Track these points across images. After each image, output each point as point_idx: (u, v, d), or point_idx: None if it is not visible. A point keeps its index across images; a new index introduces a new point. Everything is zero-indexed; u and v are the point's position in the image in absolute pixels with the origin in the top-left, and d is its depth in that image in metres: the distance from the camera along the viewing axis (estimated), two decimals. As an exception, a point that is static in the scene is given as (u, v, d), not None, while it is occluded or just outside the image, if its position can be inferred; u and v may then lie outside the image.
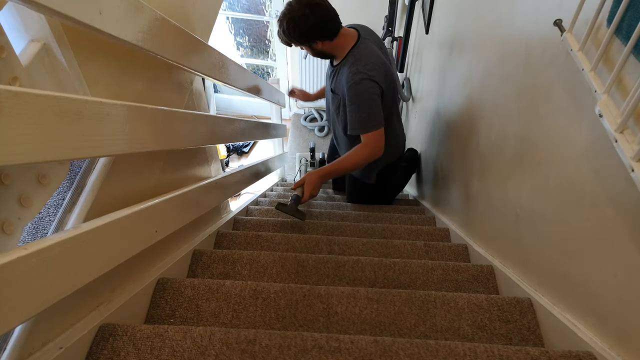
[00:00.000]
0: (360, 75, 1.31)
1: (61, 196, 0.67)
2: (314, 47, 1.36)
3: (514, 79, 0.93)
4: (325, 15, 1.28)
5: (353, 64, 1.33)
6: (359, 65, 1.32)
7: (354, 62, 1.34)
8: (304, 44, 1.36)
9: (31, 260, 0.41)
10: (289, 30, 1.29)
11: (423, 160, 1.99)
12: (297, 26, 1.27)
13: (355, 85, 1.32)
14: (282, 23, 1.29)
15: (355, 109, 1.35)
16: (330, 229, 1.36)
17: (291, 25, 1.27)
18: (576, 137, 0.67)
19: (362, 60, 1.33)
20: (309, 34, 1.30)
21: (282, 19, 1.29)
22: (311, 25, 1.28)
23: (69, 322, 0.60)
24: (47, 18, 0.54)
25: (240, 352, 0.62)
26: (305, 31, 1.29)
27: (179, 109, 0.82)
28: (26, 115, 0.40)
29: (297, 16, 1.25)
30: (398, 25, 2.64)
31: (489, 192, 1.06)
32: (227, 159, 3.42)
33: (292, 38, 1.32)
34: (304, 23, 1.26)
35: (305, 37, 1.32)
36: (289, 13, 1.27)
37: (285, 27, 1.29)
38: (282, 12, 1.29)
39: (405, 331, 0.77)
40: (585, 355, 0.61)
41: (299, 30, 1.28)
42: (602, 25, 0.59)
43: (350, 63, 1.35)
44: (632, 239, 0.54)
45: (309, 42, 1.34)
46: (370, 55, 1.35)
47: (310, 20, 1.26)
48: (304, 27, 1.28)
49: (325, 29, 1.31)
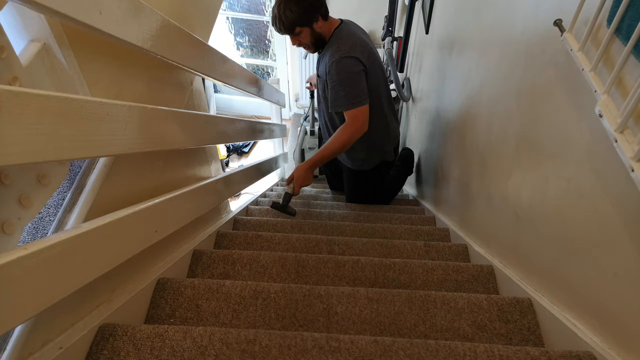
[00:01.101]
0: (341, 52, 1.34)
1: (61, 196, 0.67)
2: (314, 27, 1.36)
3: (514, 78, 0.93)
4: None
5: (334, 44, 1.37)
6: (340, 44, 1.35)
7: (336, 42, 1.37)
8: (307, 23, 1.35)
9: (31, 260, 0.41)
10: (298, 6, 1.28)
11: (423, 160, 1.99)
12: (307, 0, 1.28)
13: (336, 63, 1.34)
14: (282, 4, 1.29)
15: (337, 87, 1.36)
16: (330, 229, 1.36)
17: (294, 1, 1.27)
18: (576, 137, 0.67)
19: (342, 39, 1.37)
20: (317, 6, 1.32)
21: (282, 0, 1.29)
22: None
23: (69, 322, 0.60)
24: (47, 18, 0.54)
25: (240, 352, 0.62)
26: (315, 2, 1.30)
27: (179, 109, 0.82)
28: (26, 115, 0.40)
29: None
30: (398, 25, 2.64)
31: (489, 192, 1.06)
32: (227, 159, 3.42)
33: (301, 13, 1.31)
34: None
35: (309, 12, 1.32)
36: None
37: (295, 2, 1.28)
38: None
39: (405, 331, 0.77)
40: (585, 355, 0.61)
41: (310, 2, 1.29)
42: (602, 25, 0.59)
43: (332, 45, 1.38)
44: (632, 239, 0.54)
45: (311, 19, 1.33)
46: (350, 34, 1.38)
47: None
48: (312, 1, 1.29)
49: (325, 4, 1.34)
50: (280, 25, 1.34)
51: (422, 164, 1.99)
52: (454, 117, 1.44)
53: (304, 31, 1.37)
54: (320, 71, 1.49)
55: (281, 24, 1.34)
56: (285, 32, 1.38)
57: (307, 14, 1.32)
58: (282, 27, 1.35)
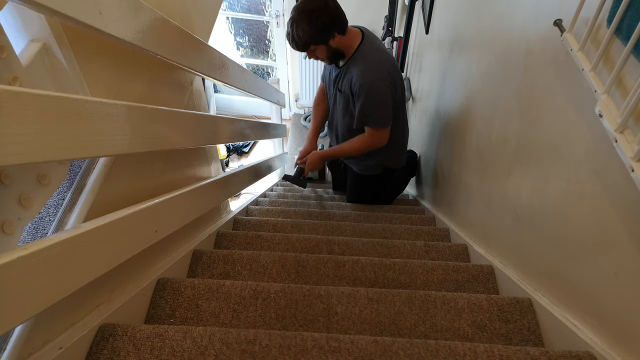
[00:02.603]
0: (371, 75, 1.32)
1: (61, 196, 0.67)
2: (330, 43, 1.31)
3: (514, 78, 0.93)
4: (338, 3, 1.27)
5: (365, 63, 1.33)
6: (369, 64, 1.32)
7: (366, 61, 1.33)
8: (322, 41, 1.30)
9: (31, 260, 0.41)
10: (310, 25, 1.23)
11: (423, 160, 1.99)
12: (320, 17, 1.22)
13: (367, 86, 1.32)
14: (300, 21, 1.22)
15: (365, 108, 1.37)
16: (330, 229, 1.36)
17: (313, 18, 1.22)
18: (576, 137, 0.67)
19: (369, 58, 1.33)
20: (330, 25, 1.26)
21: (299, 17, 1.22)
22: (332, 14, 1.24)
23: (69, 322, 0.60)
24: (47, 18, 0.54)
25: (240, 352, 0.62)
26: (327, 22, 1.25)
27: (179, 109, 0.82)
28: (26, 115, 0.40)
29: (318, 7, 1.22)
30: (398, 25, 2.64)
31: (489, 192, 1.06)
32: (227, 159, 3.42)
33: (313, 33, 1.26)
34: (326, 13, 1.22)
35: (327, 29, 1.26)
36: (308, 7, 1.21)
37: (306, 22, 1.23)
38: (297, 10, 1.22)
39: (405, 331, 0.77)
40: (585, 355, 0.61)
41: (322, 21, 1.23)
42: (602, 25, 0.59)
43: (361, 62, 1.34)
44: (632, 239, 0.54)
45: (328, 35, 1.28)
46: (376, 51, 1.35)
47: (331, 8, 1.23)
48: (326, 18, 1.23)
49: (343, 18, 1.29)
50: (294, 44, 1.31)
51: (422, 164, 1.99)
52: (454, 117, 1.44)
53: (319, 48, 1.33)
54: (342, 85, 1.45)
55: (294, 43, 1.30)
56: (300, 50, 1.34)
57: (321, 33, 1.27)
58: (295, 46, 1.32)
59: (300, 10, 1.23)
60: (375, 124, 1.41)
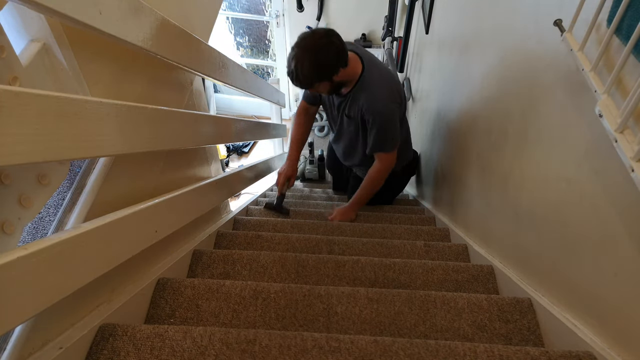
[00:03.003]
0: (382, 100, 1.31)
1: (61, 196, 0.67)
2: (334, 78, 1.25)
3: (514, 78, 0.93)
4: (340, 36, 1.21)
5: (373, 90, 1.31)
6: (375, 91, 1.31)
7: (374, 87, 1.31)
8: (326, 78, 1.23)
9: (31, 260, 0.41)
10: (314, 65, 1.17)
11: (423, 160, 1.99)
12: (325, 55, 1.16)
13: (383, 114, 1.32)
14: (304, 60, 1.16)
15: (382, 134, 1.36)
16: (330, 229, 1.36)
17: (318, 57, 1.16)
18: (576, 137, 0.67)
19: (382, 84, 1.32)
20: (335, 62, 1.20)
21: (302, 55, 1.15)
22: (337, 51, 1.19)
23: (69, 322, 0.60)
24: (47, 18, 0.54)
25: (240, 352, 0.62)
26: (333, 60, 1.19)
27: (179, 109, 0.82)
28: (26, 115, 0.40)
29: (323, 45, 1.15)
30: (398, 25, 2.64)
31: (489, 192, 1.06)
32: (227, 159, 3.42)
33: (318, 72, 1.19)
34: (330, 51, 1.17)
35: (331, 67, 1.21)
36: (312, 45, 1.15)
37: (310, 62, 1.16)
38: (301, 49, 1.15)
39: (405, 331, 0.77)
40: (585, 355, 0.61)
41: (327, 59, 1.18)
42: (602, 25, 0.59)
43: (368, 89, 1.31)
44: (632, 239, 0.54)
45: (333, 72, 1.23)
46: (381, 75, 1.34)
47: (335, 45, 1.18)
48: (331, 56, 1.18)
49: (346, 51, 1.24)
50: (297, 82, 1.23)
51: (422, 164, 1.99)
52: (454, 117, 1.44)
53: (322, 84, 1.27)
54: (350, 111, 1.41)
55: (297, 81, 1.23)
56: (303, 87, 1.29)
57: (326, 71, 1.21)
58: (299, 84, 1.25)
59: (304, 49, 1.16)
60: (390, 148, 1.42)
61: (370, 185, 1.50)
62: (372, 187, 1.50)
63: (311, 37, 1.16)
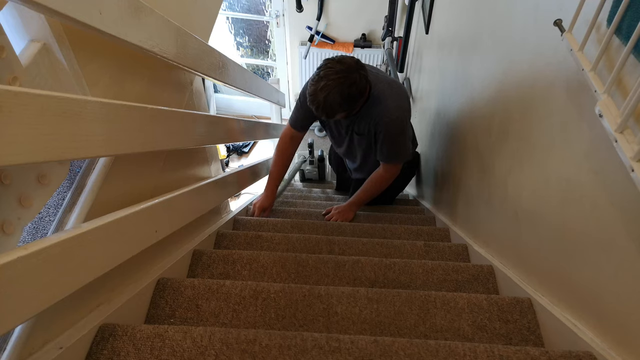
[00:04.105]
0: (394, 113, 1.29)
1: (61, 196, 0.67)
2: (360, 102, 1.23)
3: (514, 78, 0.93)
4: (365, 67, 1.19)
5: (384, 104, 1.28)
6: (391, 103, 1.28)
7: (384, 101, 1.28)
8: (350, 109, 1.21)
9: (31, 260, 0.41)
10: (344, 98, 1.13)
11: (423, 160, 1.99)
12: (357, 90, 1.14)
13: (392, 122, 1.29)
14: (335, 94, 1.11)
15: (392, 145, 1.35)
16: (330, 229, 1.36)
17: (352, 91, 1.13)
18: (576, 137, 0.67)
19: (392, 96, 1.29)
20: (361, 96, 1.19)
21: (335, 88, 1.10)
22: (365, 85, 1.18)
23: (69, 322, 0.60)
24: (47, 18, 0.54)
25: (240, 352, 0.62)
26: (362, 92, 1.18)
27: (179, 109, 0.82)
28: (26, 115, 0.40)
29: (355, 80, 1.12)
30: (398, 25, 2.64)
31: (489, 192, 1.06)
32: (227, 159, 3.42)
33: (345, 105, 1.16)
34: (361, 85, 1.15)
35: (359, 100, 1.19)
36: (345, 80, 1.10)
37: (339, 94, 1.11)
38: (333, 81, 1.10)
39: (405, 331, 0.77)
40: (585, 355, 0.61)
41: (357, 93, 1.15)
42: (602, 25, 0.59)
43: (379, 103, 1.29)
44: (632, 239, 0.54)
45: (357, 105, 1.21)
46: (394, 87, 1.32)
47: (365, 79, 1.16)
48: (361, 90, 1.16)
49: (367, 84, 1.21)
50: (321, 111, 1.16)
51: (422, 164, 2.00)
52: (454, 117, 1.44)
53: (341, 115, 1.24)
54: (361, 128, 1.38)
55: (322, 111, 1.16)
56: (323, 116, 1.21)
57: (351, 105, 1.18)
58: (321, 112, 1.18)
59: (336, 81, 1.10)
60: (400, 160, 1.41)
61: (372, 188, 1.49)
62: (374, 191, 1.50)
63: (344, 70, 1.11)
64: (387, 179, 1.46)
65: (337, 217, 1.50)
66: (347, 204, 1.54)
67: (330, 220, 1.48)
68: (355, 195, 1.53)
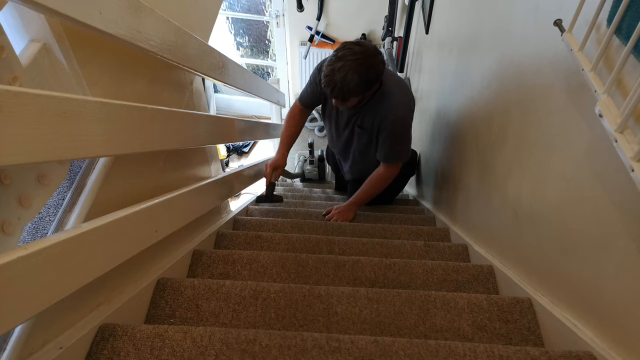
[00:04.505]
0: (404, 111, 1.29)
1: (61, 196, 0.67)
2: (373, 90, 1.22)
3: (514, 78, 0.93)
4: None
5: (392, 100, 1.28)
6: (400, 99, 1.28)
7: (392, 97, 1.28)
8: (364, 93, 1.19)
9: (31, 260, 0.41)
10: (365, 80, 1.11)
11: (423, 160, 1.99)
12: (375, 73, 1.13)
13: (399, 120, 1.29)
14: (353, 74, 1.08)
15: (396, 143, 1.35)
16: (330, 229, 1.36)
17: (370, 73, 1.11)
18: (576, 137, 0.67)
19: (399, 92, 1.30)
20: (377, 79, 1.17)
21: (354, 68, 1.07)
22: (382, 70, 1.15)
23: (69, 322, 0.60)
24: (47, 18, 0.54)
25: (240, 352, 0.62)
26: (379, 77, 1.16)
27: (179, 109, 0.82)
28: (26, 115, 0.40)
29: (376, 61, 1.11)
30: (398, 25, 2.64)
31: (489, 192, 1.06)
32: (227, 159, 3.42)
33: (364, 88, 1.14)
34: (379, 69, 1.14)
35: (374, 84, 1.17)
36: (364, 62, 1.08)
37: (358, 75, 1.09)
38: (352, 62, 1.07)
39: (405, 331, 0.77)
40: (585, 355, 0.61)
41: (375, 77, 1.14)
42: (602, 25, 0.59)
43: (387, 98, 1.29)
44: (632, 239, 0.54)
45: (372, 89, 1.19)
46: (400, 84, 1.32)
47: (383, 64, 1.14)
48: (378, 74, 1.14)
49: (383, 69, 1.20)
50: (337, 92, 1.13)
51: (422, 164, 2.00)
52: (454, 117, 1.44)
53: (355, 99, 1.21)
54: (365, 122, 1.37)
55: (338, 91, 1.13)
56: (338, 98, 1.19)
57: (367, 88, 1.16)
58: (337, 94, 1.15)
59: (355, 62, 1.07)
60: (402, 159, 1.42)
61: (372, 188, 1.49)
62: (374, 190, 1.50)
63: (363, 52, 1.09)
64: (387, 178, 1.46)
65: (337, 217, 1.50)
66: (347, 204, 1.54)
67: (330, 220, 1.48)
68: (355, 195, 1.53)
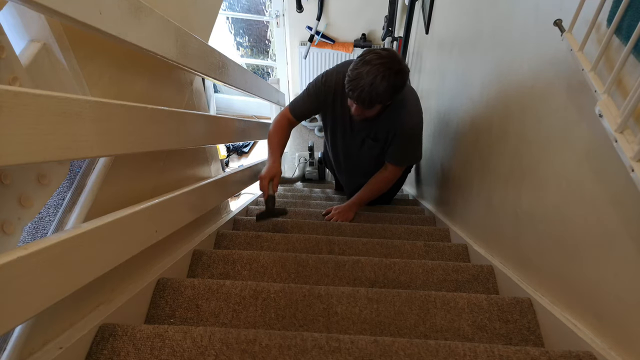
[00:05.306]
0: (417, 119, 1.31)
1: (61, 196, 0.67)
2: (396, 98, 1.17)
3: (514, 78, 0.93)
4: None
5: (409, 107, 1.28)
6: (413, 107, 1.29)
7: (406, 105, 1.28)
8: (388, 101, 1.15)
9: (31, 260, 0.41)
10: (393, 87, 1.07)
11: (423, 160, 1.99)
12: (401, 81, 1.09)
13: (414, 127, 1.31)
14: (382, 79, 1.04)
15: (408, 149, 1.37)
16: (330, 229, 1.36)
17: (397, 80, 1.07)
18: (576, 137, 0.67)
19: (411, 99, 1.30)
20: (400, 88, 1.12)
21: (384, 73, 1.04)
22: (407, 79, 1.13)
23: (69, 322, 0.60)
24: (47, 18, 0.54)
25: (240, 352, 0.62)
26: (403, 86, 1.12)
27: (179, 109, 0.82)
28: (26, 115, 0.40)
29: (401, 70, 1.08)
30: (398, 25, 2.64)
31: (489, 192, 1.06)
32: (227, 159, 3.42)
33: (391, 94, 1.10)
34: (405, 77, 1.11)
35: (399, 92, 1.13)
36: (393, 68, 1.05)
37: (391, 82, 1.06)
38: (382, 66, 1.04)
39: (405, 331, 0.77)
40: (585, 355, 0.61)
41: (401, 85, 1.10)
42: (602, 25, 0.59)
43: (401, 107, 1.27)
44: (632, 239, 0.54)
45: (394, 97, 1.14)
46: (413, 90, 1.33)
47: (408, 73, 1.12)
48: (404, 82, 1.11)
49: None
50: (364, 98, 1.08)
51: (423, 164, 1.99)
52: (454, 117, 1.44)
53: (378, 107, 1.17)
54: (378, 133, 1.34)
55: (366, 98, 1.08)
56: (365, 105, 1.14)
57: (393, 96, 1.12)
58: (362, 100, 1.10)
59: (384, 66, 1.04)
60: (409, 163, 1.43)
61: (375, 190, 1.50)
62: (377, 192, 1.51)
63: (390, 56, 1.06)
64: (391, 180, 1.46)
65: (337, 217, 1.50)
66: (347, 204, 1.54)
67: (331, 220, 1.48)
68: (356, 195, 1.53)
